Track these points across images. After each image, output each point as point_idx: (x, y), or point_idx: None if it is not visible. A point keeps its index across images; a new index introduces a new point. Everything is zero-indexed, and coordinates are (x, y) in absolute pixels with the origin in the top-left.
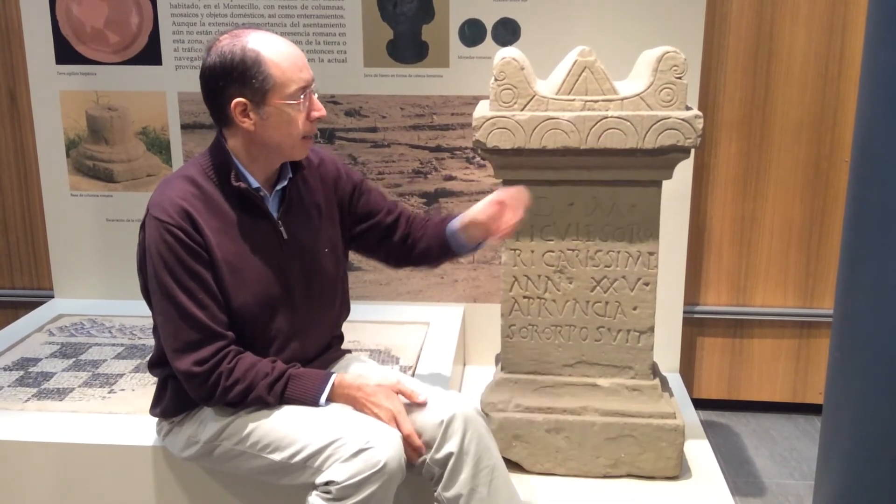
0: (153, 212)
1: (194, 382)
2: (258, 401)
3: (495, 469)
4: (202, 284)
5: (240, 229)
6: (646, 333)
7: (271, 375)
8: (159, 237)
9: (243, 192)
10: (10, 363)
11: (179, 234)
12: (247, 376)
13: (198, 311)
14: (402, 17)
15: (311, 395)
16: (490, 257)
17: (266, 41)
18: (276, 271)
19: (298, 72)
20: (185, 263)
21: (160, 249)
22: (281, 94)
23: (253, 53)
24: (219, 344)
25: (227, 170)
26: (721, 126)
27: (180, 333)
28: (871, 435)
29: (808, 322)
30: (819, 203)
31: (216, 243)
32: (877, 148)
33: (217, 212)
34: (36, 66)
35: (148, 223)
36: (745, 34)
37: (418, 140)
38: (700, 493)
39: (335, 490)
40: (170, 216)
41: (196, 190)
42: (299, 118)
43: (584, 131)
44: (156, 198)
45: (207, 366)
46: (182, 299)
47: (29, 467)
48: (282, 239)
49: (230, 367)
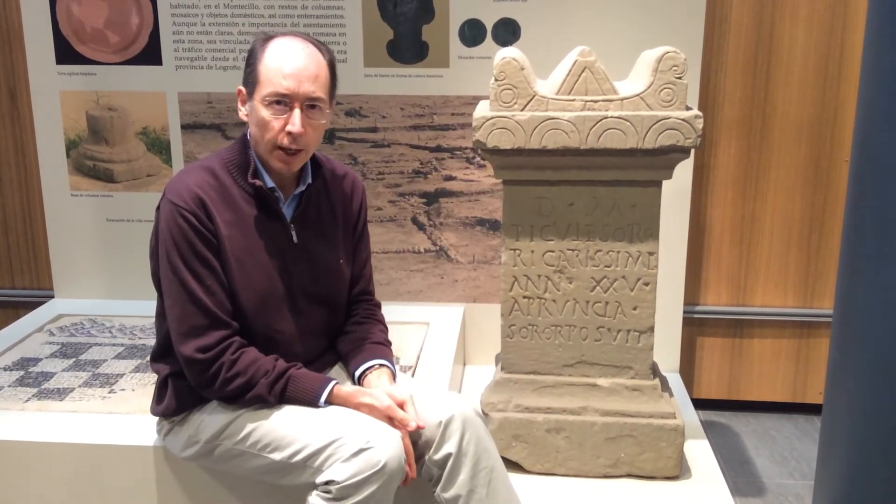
0: (169, 195)
1: (196, 369)
2: (257, 398)
3: (494, 470)
4: (211, 271)
5: (252, 226)
6: (646, 333)
7: (272, 374)
8: (173, 220)
9: (259, 190)
10: (11, 363)
11: (192, 219)
12: (248, 371)
13: (205, 297)
14: (403, 17)
15: (310, 396)
16: (490, 257)
17: (280, 43)
18: (282, 273)
19: (281, 78)
20: (196, 248)
21: (173, 232)
22: (259, 93)
23: (261, 47)
24: (223, 332)
25: (247, 166)
26: (721, 126)
27: (187, 317)
28: (871, 435)
29: (808, 322)
30: (819, 203)
31: (227, 236)
32: (877, 148)
33: (232, 205)
34: (36, 67)
35: (163, 206)
36: (745, 34)
37: (418, 140)
38: (700, 493)
39: (335, 490)
40: (184, 201)
41: (214, 181)
42: (273, 124)
43: (584, 131)
44: (174, 183)
45: (211, 353)
46: (191, 283)
47: (29, 467)
48: (291, 242)
49: (233, 359)
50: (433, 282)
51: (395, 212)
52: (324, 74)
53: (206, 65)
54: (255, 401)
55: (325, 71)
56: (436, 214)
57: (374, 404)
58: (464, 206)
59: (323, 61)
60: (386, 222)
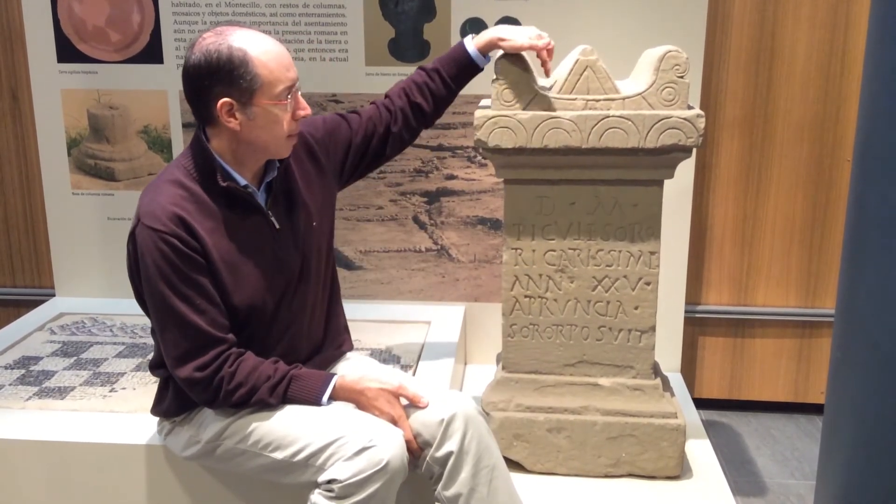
0: (145, 220)
1: (197, 388)
2: (260, 403)
3: (495, 468)
4: (200, 290)
5: (234, 228)
6: (647, 333)
7: (273, 378)
8: (154, 247)
9: (231, 191)
10: (12, 362)
11: (175, 241)
12: (249, 379)
13: (196, 318)
14: (404, 15)
15: (313, 396)
16: (491, 256)
17: (252, 40)
18: (274, 262)
19: (286, 71)
20: (181, 271)
21: (155, 259)
22: (268, 94)
23: (240, 53)
24: (220, 348)
25: (212, 170)
26: (723, 125)
27: (180, 342)
28: (873, 435)
29: (810, 322)
30: (821, 202)
31: (212, 244)
32: (879, 147)
33: (209, 212)
34: (37, 65)
35: (140, 233)
36: (748, 33)
37: (420, 139)
38: (701, 493)
39: (337, 488)
40: (163, 224)
41: (185, 192)
42: (285, 118)
43: (585, 130)
44: (145, 206)
45: (209, 371)
46: (180, 308)
47: (30, 466)
48: (274, 229)
49: (231, 371)
50: (434, 281)
51: (396, 211)
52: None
53: None
54: (259, 405)
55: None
56: (437, 213)
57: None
58: (465, 205)
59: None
60: (387, 221)
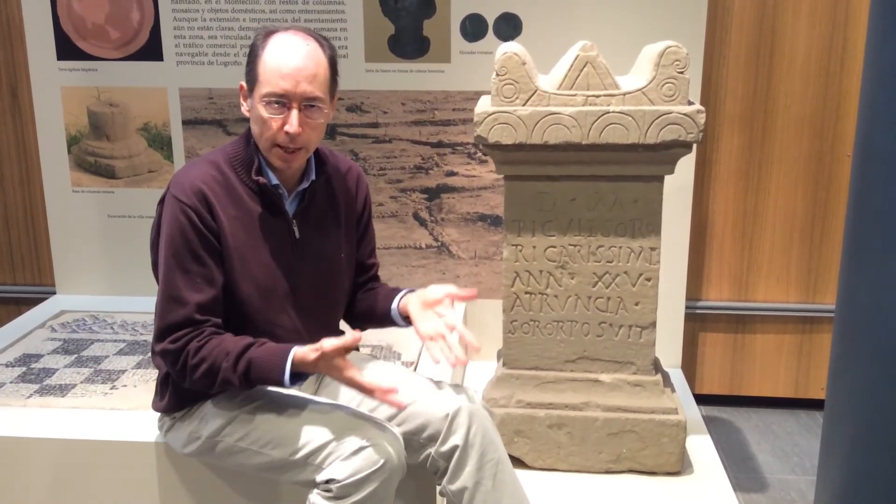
0: (173, 190)
1: (168, 360)
2: (226, 383)
3: (500, 462)
4: (204, 270)
5: (255, 222)
6: (647, 329)
7: (232, 354)
8: (174, 216)
9: (262, 187)
10: (13, 359)
11: (193, 216)
12: (211, 355)
13: (190, 295)
14: (404, 11)
15: (274, 375)
16: (492, 253)
17: (280, 40)
18: (284, 269)
19: (279, 79)
20: (192, 246)
21: (171, 228)
22: (258, 92)
23: (262, 43)
24: (199, 326)
25: (250, 163)
26: (723, 120)
27: (166, 314)
28: (874, 430)
29: (810, 317)
30: (821, 198)
31: (230, 231)
32: (879, 142)
33: (236, 201)
34: (37, 63)
35: (167, 200)
36: (747, 28)
37: (420, 136)
38: (702, 489)
39: (336, 488)
40: (187, 196)
41: (219, 175)
42: (271, 123)
43: (585, 126)
44: (178, 177)
45: (180, 343)
46: (178, 281)
47: (31, 464)
48: (294, 238)
49: (199, 345)
50: (435, 277)
51: (396, 207)
52: (322, 73)
53: (207, 60)
54: (226, 385)
55: (324, 69)
56: (437, 210)
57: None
58: (465, 201)
59: (322, 59)
60: (387, 218)
